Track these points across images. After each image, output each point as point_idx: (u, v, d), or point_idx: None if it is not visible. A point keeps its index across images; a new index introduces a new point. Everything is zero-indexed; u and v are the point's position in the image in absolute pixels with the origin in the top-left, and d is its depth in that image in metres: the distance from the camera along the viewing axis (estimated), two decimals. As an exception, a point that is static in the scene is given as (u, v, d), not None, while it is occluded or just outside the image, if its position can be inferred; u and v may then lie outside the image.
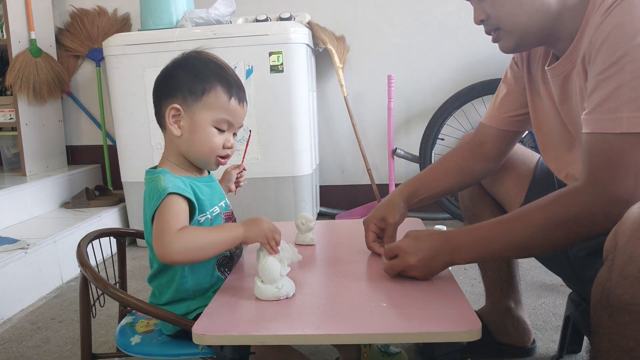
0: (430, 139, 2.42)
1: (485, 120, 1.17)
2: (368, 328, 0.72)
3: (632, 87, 0.75)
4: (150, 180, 0.94)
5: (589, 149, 0.80)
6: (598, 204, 0.78)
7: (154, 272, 0.98)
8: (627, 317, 0.68)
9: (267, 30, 2.16)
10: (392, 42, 2.65)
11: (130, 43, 2.21)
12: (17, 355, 1.44)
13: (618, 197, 0.76)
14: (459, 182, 1.19)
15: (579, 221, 0.80)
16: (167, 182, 0.90)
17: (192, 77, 0.93)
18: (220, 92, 0.93)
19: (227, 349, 0.76)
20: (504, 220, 0.88)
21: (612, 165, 0.77)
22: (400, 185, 1.16)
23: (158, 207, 0.88)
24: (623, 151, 0.76)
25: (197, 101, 0.92)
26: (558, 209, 0.82)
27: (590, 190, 0.79)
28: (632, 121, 0.75)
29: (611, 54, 0.77)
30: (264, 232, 0.88)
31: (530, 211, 0.85)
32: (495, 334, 1.29)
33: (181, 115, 0.93)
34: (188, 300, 0.95)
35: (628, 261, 0.67)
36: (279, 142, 2.20)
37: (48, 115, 2.73)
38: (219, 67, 0.96)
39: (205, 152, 0.95)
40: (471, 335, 0.69)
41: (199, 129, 0.93)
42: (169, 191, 0.88)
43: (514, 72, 1.12)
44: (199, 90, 0.92)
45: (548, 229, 0.82)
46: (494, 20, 0.92)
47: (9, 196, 2.20)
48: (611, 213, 0.75)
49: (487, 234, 0.88)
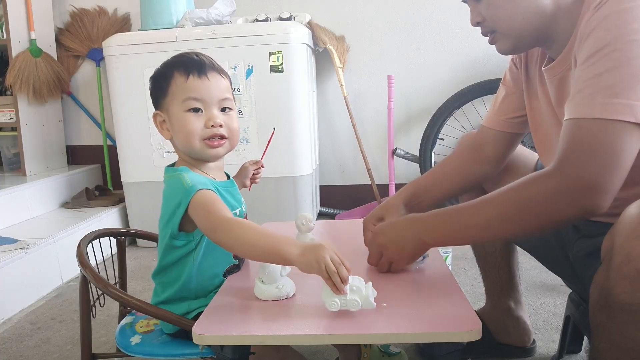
0: (430, 139, 2.42)
1: (485, 122, 1.17)
2: (368, 328, 0.72)
3: (611, 75, 0.75)
4: (170, 178, 0.92)
5: (563, 134, 0.80)
6: (563, 187, 0.76)
7: (161, 268, 0.96)
8: (625, 316, 0.68)
9: (267, 30, 2.16)
10: (392, 42, 2.65)
11: (130, 43, 2.21)
12: (17, 355, 1.44)
13: (584, 181, 0.75)
14: (459, 186, 1.18)
15: (542, 204, 0.79)
16: (191, 179, 0.89)
17: (155, 79, 0.95)
18: (178, 77, 0.91)
19: (227, 349, 0.76)
20: (473, 202, 0.87)
21: (582, 149, 0.76)
22: (400, 189, 1.16)
23: (190, 203, 0.86)
24: (592, 136, 0.75)
25: (165, 97, 0.93)
26: (524, 191, 0.81)
27: (557, 174, 0.78)
28: (605, 107, 0.74)
29: (596, 43, 0.77)
30: (322, 263, 0.73)
31: (498, 193, 0.84)
32: (495, 334, 1.29)
33: (164, 119, 0.95)
34: (189, 300, 0.95)
35: (626, 261, 0.67)
36: (279, 142, 2.20)
37: (48, 115, 2.73)
38: (177, 57, 0.95)
39: (186, 139, 0.91)
40: (471, 335, 0.69)
41: (175, 120, 0.92)
42: (198, 188, 0.87)
43: (512, 74, 1.12)
44: (163, 86, 0.93)
45: (511, 210, 0.81)
46: (490, 23, 0.92)
47: (9, 196, 2.20)
48: (576, 197, 0.75)
49: (454, 213, 0.89)
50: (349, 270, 0.73)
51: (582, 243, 0.97)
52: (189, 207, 0.86)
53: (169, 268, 0.95)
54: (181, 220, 0.89)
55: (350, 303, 0.73)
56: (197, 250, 0.93)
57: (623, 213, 0.71)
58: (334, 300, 0.74)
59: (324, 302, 0.75)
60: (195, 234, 0.92)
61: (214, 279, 0.96)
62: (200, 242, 0.93)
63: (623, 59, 0.74)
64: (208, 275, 0.95)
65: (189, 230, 0.91)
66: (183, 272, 0.94)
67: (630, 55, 0.73)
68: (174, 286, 0.95)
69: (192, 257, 0.93)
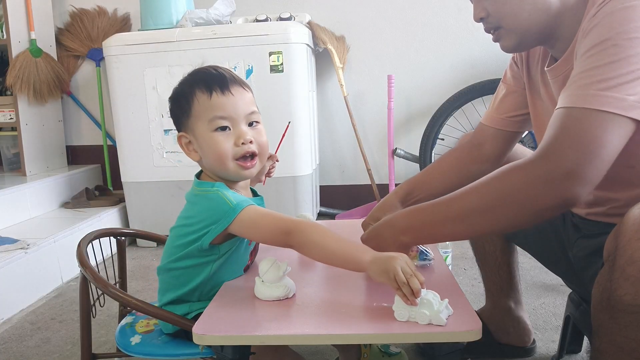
0: (430, 139, 2.42)
1: (484, 120, 1.17)
2: (368, 328, 0.72)
3: (608, 68, 0.74)
4: (207, 193, 0.89)
5: (552, 122, 0.78)
6: (542, 173, 0.74)
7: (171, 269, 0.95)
8: (628, 317, 0.68)
9: (267, 30, 2.16)
10: (392, 42, 2.65)
11: (130, 43, 2.21)
12: (17, 355, 1.44)
13: (562, 168, 0.73)
14: (455, 183, 1.16)
15: (521, 191, 0.76)
16: (235, 197, 0.87)
17: (177, 99, 0.93)
18: (200, 95, 0.89)
19: (227, 349, 0.76)
20: (449, 195, 0.85)
21: (564, 136, 0.74)
22: (397, 187, 1.16)
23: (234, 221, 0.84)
24: (578, 124, 0.74)
25: (189, 117, 0.90)
26: (503, 179, 0.79)
27: (538, 160, 0.76)
28: (596, 98, 0.73)
29: (596, 38, 0.77)
30: (391, 272, 0.72)
31: (476, 183, 0.82)
32: (495, 334, 1.29)
33: (190, 141, 0.92)
34: (190, 302, 0.95)
35: (629, 262, 0.67)
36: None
37: (48, 115, 2.73)
38: (195, 73, 0.92)
39: (219, 161, 0.89)
40: (471, 335, 0.69)
41: (203, 141, 0.89)
42: (244, 205, 0.85)
43: (513, 72, 1.12)
44: (185, 106, 0.90)
45: (489, 199, 0.79)
46: (494, 19, 0.91)
47: (9, 196, 2.20)
48: (553, 184, 0.73)
49: (428, 208, 0.86)
50: (422, 283, 0.72)
51: (582, 243, 0.97)
52: (234, 224, 0.84)
53: (181, 271, 0.94)
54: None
55: (418, 315, 0.71)
56: (218, 262, 0.92)
57: (626, 214, 0.70)
58: (403, 311, 0.72)
59: (394, 312, 0.73)
60: (222, 247, 0.91)
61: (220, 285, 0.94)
62: (226, 254, 0.92)
63: (622, 54, 0.73)
64: (217, 284, 0.94)
65: (217, 243, 0.90)
66: (195, 278, 0.92)
67: (630, 52, 0.73)
68: (182, 289, 0.94)
69: (209, 267, 0.92)
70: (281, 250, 0.88)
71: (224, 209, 0.85)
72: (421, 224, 0.87)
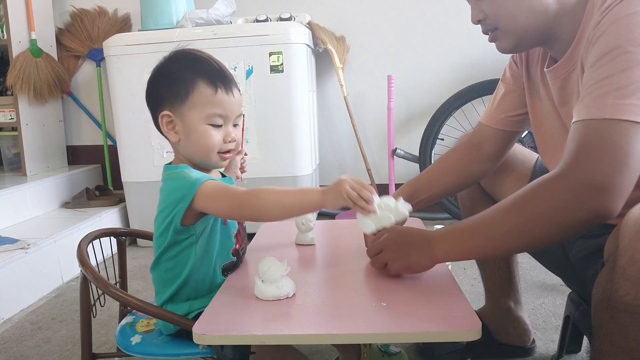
0: (430, 139, 2.42)
1: (483, 120, 1.17)
2: (368, 328, 0.72)
3: (622, 77, 0.73)
4: (172, 175, 0.93)
5: (572, 135, 0.78)
6: (572, 189, 0.74)
7: (161, 262, 0.96)
8: (628, 318, 0.68)
9: (267, 31, 2.16)
10: (392, 42, 2.65)
11: (130, 43, 2.21)
12: (17, 355, 1.44)
13: (593, 182, 0.72)
14: (456, 183, 1.18)
15: (553, 208, 0.76)
16: (195, 174, 0.90)
17: (172, 81, 0.93)
18: (204, 88, 0.91)
19: (227, 349, 0.76)
20: (483, 216, 0.84)
21: (590, 150, 0.74)
22: (398, 189, 1.16)
23: (197, 195, 0.87)
24: (601, 136, 0.73)
25: (183, 103, 0.91)
26: (533, 197, 0.78)
27: (565, 175, 0.75)
28: (616, 107, 0.73)
29: (606, 46, 0.76)
30: (343, 193, 0.80)
31: (508, 203, 0.81)
32: (495, 334, 1.29)
33: (174, 121, 0.93)
34: (190, 300, 0.95)
35: (630, 262, 0.67)
36: (279, 142, 2.20)
37: (48, 115, 2.73)
38: (198, 62, 0.94)
39: (205, 152, 0.93)
40: (471, 335, 0.70)
41: (193, 130, 0.92)
42: (203, 179, 0.88)
43: (512, 72, 1.12)
44: (182, 92, 0.91)
45: (522, 219, 0.78)
46: (492, 20, 0.91)
47: (9, 196, 2.20)
48: (585, 199, 0.73)
49: (465, 230, 0.86)
50: (371, 190, 0.80)
51: (582, 243, 0.97)
52: (196, 199, 0.87)
53: (169, 262, 0.95)
54: (183, 215, 0.89)
55: (382, 219, 0.76)
56: (199, 244, 0.93)
57: (627, 215, 0.70)
58: (367, 222, 0.75)
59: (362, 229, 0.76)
60: (196, 226, 0.92)
61: (214, 275, 0.96)
62: (202, 235, 0.93)
63: (634, 61, 0.73)
64: (208, 271, 0.95)
65: (190, 223, 0.92)
66: (185, 267, 0.94)
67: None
68: (175, 282, 0.95)
69: (193, 251, 0.93)
70: (281, 250, 0.88)
71: (187, 186, 0.88)
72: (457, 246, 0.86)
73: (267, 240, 1.19)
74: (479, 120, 1.19)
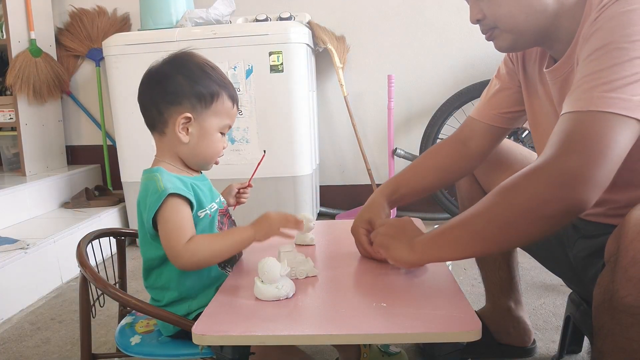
0: (430, 138, 2.42)
1: (474, 114, 1.15)
2: (368, 328, 0.72)
3: (611, 71, 0.73)
4: (147, 179, 0.94)
5: (557, 127, 0.77)
6: (550, 178, 0.73)
7: (150, 270, 0.97)
8: (630, 319, 0.68)
9: (267, 30, 2.16)
10: (392, 42, 2.65)
11: (130, 43, 2.21)
12: (17, 356, 1.44)
13: (569, 172, 0.71)
14: (439, 180, 1.17)
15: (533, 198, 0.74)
16: (165, 181, 0.90)
17: (195, 83, 0.94)
18: (226, 99, 0.96)
19: (227, 349, 0.76)
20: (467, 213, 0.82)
21: (570, 140, 0.73)
22: (381, 185, 1.15)
23: (159, 209, 0.88)
24: (583, 127, 0.72)
25: (206, 109, 0.95)
26: (515, 188, 0.77)
27: (545, 167, 0.74)
28: (602, 100, 0.72)
29: (598, 41, 0.76)
30: (273, 225, 0.93)
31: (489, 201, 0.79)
32: (495, 334, 1.28)
33: (191, 123, 0.95)
34: (189, 300, 0.95)
35: (632, 263, 0.66)
36: (279, 142, 2.20)
37: (48, 115, 2.73)
38: (217, 72, 0.98)
39: (209, 156, 0.98)
40: (471, 335, 0.69)
41: (208, 135, 0.96)
42: (169, 192, 0.88)
43: (508, 69, 1.11)
44: (207, 97, 0.94)
45: (507, 213, 0.77)
46: (491, 20, 0.91)
47: (9, 196, 2.20)
48: (562, 189, 0.71)
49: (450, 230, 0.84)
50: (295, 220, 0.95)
51: (582, 243, 0.97)
52: (158, 212, 0.89)
53: (158, 269, 0.96)
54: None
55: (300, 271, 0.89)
56: None
57: (628, 215, 0.70)
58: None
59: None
60: None
61: (209, 271, 0.96)
62: None
63: (625, 57, 0.72)
64: (202, 272, 0.95)
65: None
66: (173, 270, 0.93)
67: (633, 55, 0.72)
68: (170, 289, 0.95)
69: None
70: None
71: (155, 193, 0.90)
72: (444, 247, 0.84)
73: (269, 240, 1.18)
74: (469, 115, 1.17)
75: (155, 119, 0.97)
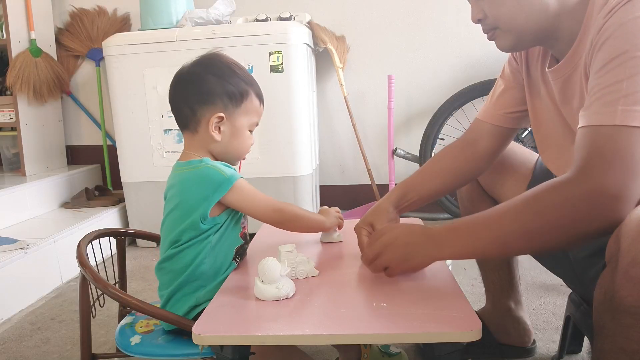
0: (430, 138, 2.42)
1: (481, 116, 1.16)
2: (368, 328, 0.72)
3: (631, 82, 0.73)
4: (197, 169, 0.96)
5: (581, 141, 0.77)
6: (583, 195, 0.73)
7: (171, 255, 0.97)
8: (630, 319, 0.68)
9: (267, 30, 2.16)
10: (392, 42, 2.65)
11: (130, 43, 2.21)
12: (17, 356, 1.44)
13: (605, 189, 0.71)
14: (449, 184, 1.16)
15: (562, 214, 0.74)
16: (224, 168, 0.95)
17: (226, 82, 0.98)
18: (254, 97, 1.01)
19: (227, 349, 0.76)
20: (488, 214, 0.82)
21: (602, 156, 0.73)
22: (390, 190, 1.15)
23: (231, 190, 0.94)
24: (613, 142, 0.72)
25: (237, 107, 0.99)
26: (542, 200, 0.77)
27: (577, 181, 0.74)
28: (626, 114, 0.72)
29: (612, 51, 0.75)
30: (336, 219, 1.10)
31: (515, 203, 0.79)
32: (495, 335, 1.28)
33: (223, 122, 0.98)
34: (197, 292, 0.95)
35: (632, 263, 0.66)
36: (279, 142, 2.20)
37: (48, 115, 2.73)
38: (244, 71, 1.02)
39: (240, 153, 1.04)
40: (471, 335, 0.69)
41: (239, 133, 1.01)
42: (237, 177, 0.95)
43: (512, 68, 1.11)
44: (237, 96, 0.98)
45: (530, 222, 0.77)
46: (492, 20, 0.91)
47: (9, 196, 2.20)
48: (597, 206, 0.72)
49: (470, 228, 0.84)
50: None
51: (581, 244, 0.96)
52: (229, 193, 0.94)
53: (181, 253, 0.96)
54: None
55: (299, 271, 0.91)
56: (218, 233, 0.96)
57: (629, 216, 0.70)
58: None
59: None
60: (221, 217, 0.96)
61: (225, 259, 0.98)
62: (223, 225, 0.97)
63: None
64: (221, 255, 0.97)
65: (214, 214, 0.95)
66: (198, 254, 0.95)
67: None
68: (185, 271, 0.95)
69: (209, 239, 0.95)
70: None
71: (219, 180, 0.94)
72: (461, 244, 0.84)
73: (270, 240, 1.18)
74: (476, 116, 1.17)
75: (188, 118, 0.99)
